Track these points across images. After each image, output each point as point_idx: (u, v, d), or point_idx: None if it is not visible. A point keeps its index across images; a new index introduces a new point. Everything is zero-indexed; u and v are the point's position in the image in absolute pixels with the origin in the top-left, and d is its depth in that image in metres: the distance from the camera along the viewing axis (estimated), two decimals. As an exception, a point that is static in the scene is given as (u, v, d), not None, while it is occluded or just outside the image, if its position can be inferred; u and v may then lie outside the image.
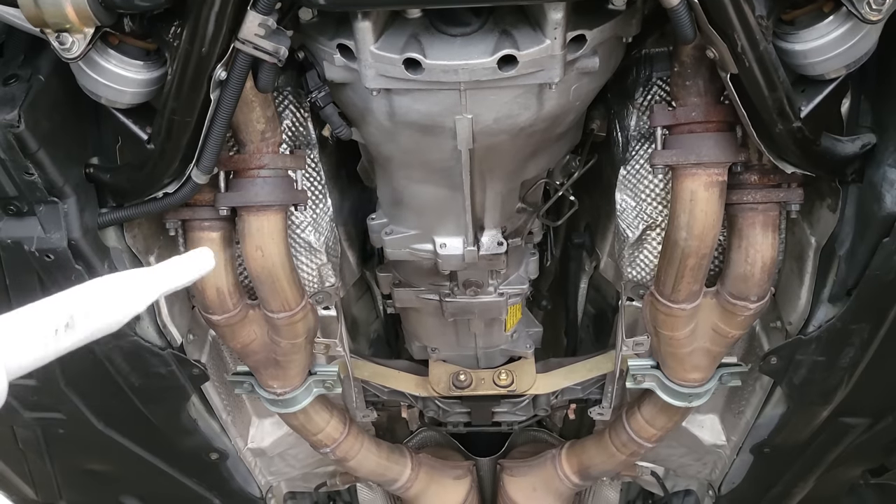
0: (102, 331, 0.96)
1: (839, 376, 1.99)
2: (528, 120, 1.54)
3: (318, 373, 2.29)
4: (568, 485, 2.72)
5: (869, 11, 1.29)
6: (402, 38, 1.39)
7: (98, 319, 0.96)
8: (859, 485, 2.66)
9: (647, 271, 1.98)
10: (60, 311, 0.92)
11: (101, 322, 0.96)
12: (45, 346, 0.89)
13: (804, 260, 1.88)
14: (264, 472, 2.79)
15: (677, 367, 2.10)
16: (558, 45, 1.37)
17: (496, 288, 2.15)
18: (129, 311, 1.00)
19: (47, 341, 0.90)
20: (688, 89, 1.62)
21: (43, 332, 0.89)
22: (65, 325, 0.91)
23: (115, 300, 0.99)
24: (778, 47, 1.40)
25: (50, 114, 1.57)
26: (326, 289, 2.08)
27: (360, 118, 1.66)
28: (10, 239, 1.68)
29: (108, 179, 1.72)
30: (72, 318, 0.92)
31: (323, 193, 1.94)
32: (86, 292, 0.97)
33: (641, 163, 1.86)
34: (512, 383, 2.49)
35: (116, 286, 1.00)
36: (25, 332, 0.88)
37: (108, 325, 0.97)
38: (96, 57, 1.44)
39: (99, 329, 0.96)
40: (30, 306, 0.90)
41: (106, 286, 1.00)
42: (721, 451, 2.60)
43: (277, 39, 1.38)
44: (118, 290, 1.00)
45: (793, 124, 1.47)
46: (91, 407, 2.21)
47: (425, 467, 2.78)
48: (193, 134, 1.53)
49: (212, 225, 1.85)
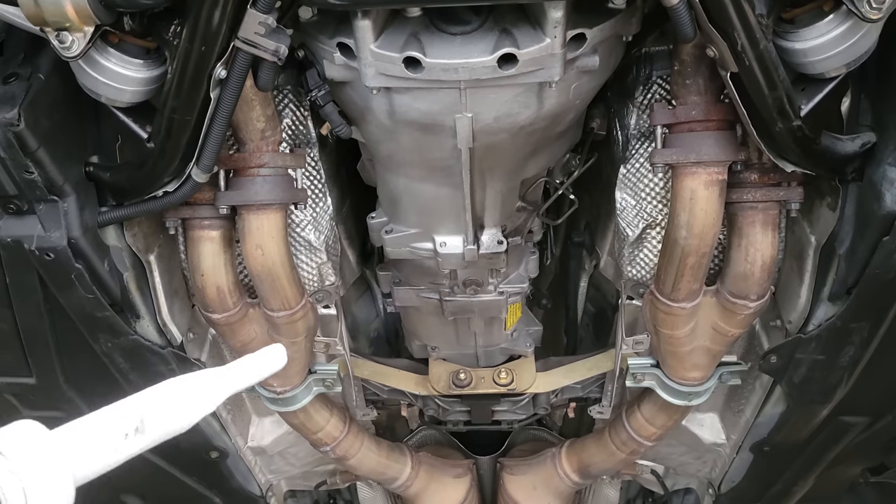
0: (172, 433, 0.96)
1: (839, 375, 1.99)
2: (528, 118, 1.54)
3: (318, 371, 2.29)
4: (568, 483, 2.73)
5: (869, 10, 1.29)
6: (402, 36, 1.39)
7: (168, 423, 0.95)
8: (859, 483, 2.66)
9: (646, 270, 1.98)
10: (132, 416, 0.92)
11: (171, 426, 0.96)
12: (115, 452, 0.89)
13: (804, 259, 1.88)
14: (264, 471, 2.80)
15: (677, 366, 2.10)
16: (558, 44, 1.37)
17: (496, 287, 2.15)
18: (199, 413, 0.99)
19: (117, 446, 0.89)
20: (688, 88, 1.62)
21: (113, 438, 0.89)
22: (135, 430, 0.91)
23: (186, 403, 0.98)
24: (778, 46, 1.40)
25: (50, 112, 1.57)
26: (326, 287, 2.08)
27: (359, 117, 1.66)
28: (9, 237, 1.68)
29: (108, 178, 1.72)
30: (142, 423, 0.92)
31: (323, 192, 1.94)
32: (158, 396, 0.96)
33: (641, 161, 1.86)
34: (512, 382, 2.49)
35: (188, 389, 0.99)
36: (96, 439, 0.88)
37: (179, 427, 0.96)
38: (96, 55, 1.44)
39: (169, 432, 0.95)
40: (102, 411, 0.90)
41: (178, 389, 0.99)
42: (721, 449, 2.60)
43: (277, 38, 1.38)
44: (190, 394, 0.99)
45: (793, 123, 1.47)
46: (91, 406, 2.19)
47: (425, 466, 2.78)
48: (193, 133, 1.53)
49: (212, 224, 1.85)
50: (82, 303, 1.79)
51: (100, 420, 0.90)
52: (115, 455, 0.89)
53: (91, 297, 1.78)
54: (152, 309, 1.98)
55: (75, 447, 0.86)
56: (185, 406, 0.97)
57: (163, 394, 0.96)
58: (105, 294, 1.81)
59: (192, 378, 1.00)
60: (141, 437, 0.91)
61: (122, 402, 0.93)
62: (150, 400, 0.95)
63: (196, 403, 0.98)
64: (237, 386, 1.04)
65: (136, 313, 1.94)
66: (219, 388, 1.02)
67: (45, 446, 0.83)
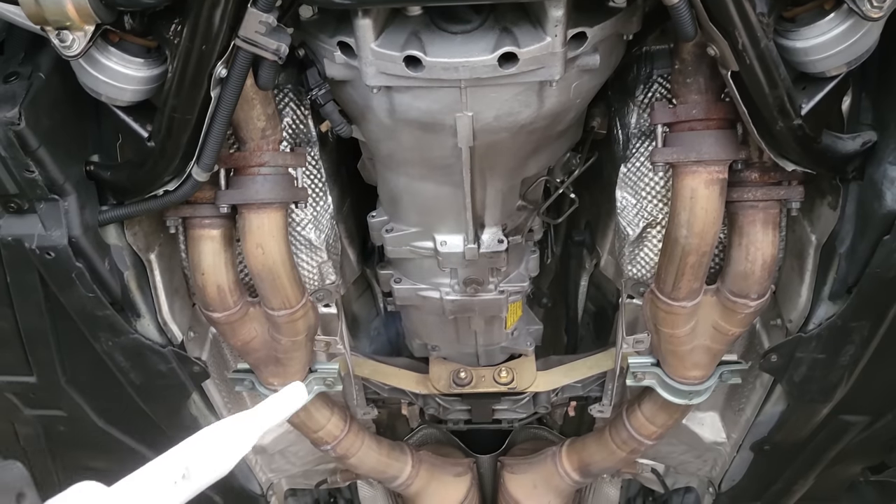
0: (216, 477, 1.05)
1: (839, 374, 1.99)
2: (529, 117, 1.54)
3: (318, 370, 2.29)
4: (568, 482, 2.73)
5: (870, 9, 1.29)
6: (403, 35, 1.39)
7: (212, 468, 1.04)
8: (859, 482, 2.66)
9: (647, 269, 1.98)
10: (177, 465, 1.01)
11: (214, 471, 1.04)
12: (167, 501, 0.98)
13: (804, 257, 1.88)
14: (265, 470, 2.80)
15: (677, 365, 2.10)
16: (559, 43, 1.37)
17: (496, 285, 2.15)
18: (237, 455, 1.08)
19: (167, 495, 0.98)
20: (688, 87, 1.62)
21: (163, 488, 0.98)
22: (182, 477, 0.99)
23: (224, 448, 1.07)
24: (779, 45, 1.40)
25: (50, 111, 1.57)
26: (327, 286, 2.08)
27: (360, 116, 1.66)
28: (10, 236, 1.68)
29: (109, 177, 1.72)
30: (188, 470, 1.00)
31: (323, 191, 1.94)
32: (198, 444, 1.05)
33: (642, 160, 1.86)
34: (512, 381, 2.49)
35: (225, 434, 1.09)
36: (149, 491, 0.96)
37: (221, 472, 1.05)
38: (97, 54, 1.44)
39: (213, 477, 1.04)
40: (151, 463, 0.99)
41: (215, 436, 1.08)
42: (721, 448, 2.60)
43: (278, 37, 1.38)
44: (226, 438, 1.08)
45: (793, 122, 1.47)
46: (92, 404, 2.22)
47: (426, 465, 2.78)
48: (194, 131, 1.52)
49: (212, 222, 1.85)
50: (83, 302, 1.79)
51: (150, 472, 0.99)
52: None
53: (92, 296, 1.78)
54: (153, 308, 1.98)
55: (132, 501, 0.95)
56: (225, 451, 1.07)
57: (203, 442, 1.06)
58: (105, 293, 1.81)
59: (227, 424, 1.10)
60: (188, 483, 1.00)
61: (168, 453, 1.02)
62: (193, 447, 1.05)
63: (233, 448, 1.08)
64: (267, 425, 1.14)
65: (137, 312, 1.94)
66: (251, 430, 1.12)
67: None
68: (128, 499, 0.94)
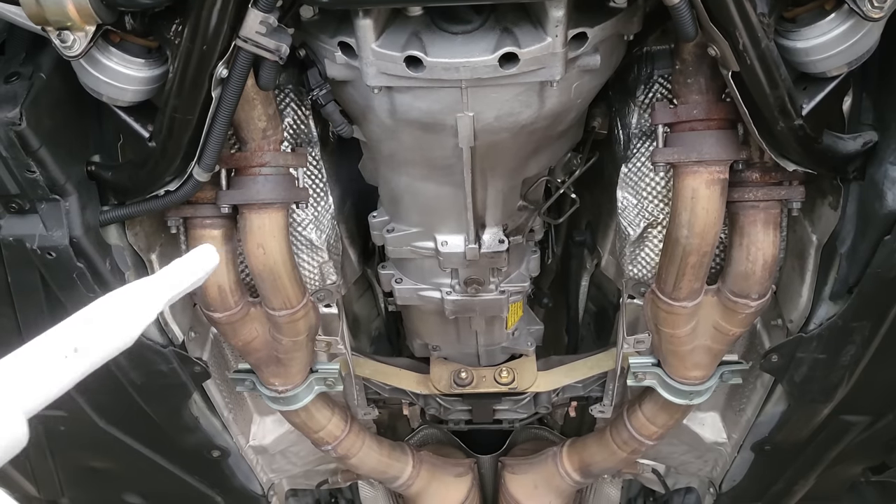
0: (116, 349, 0.94)
1: (840, 374, 1.99)
2: (530, 118, 1.54)
3: (319, 370, 2.29)
4: (569, 482, 2.73)
5: (871, 9, 1.29)
6: (404, 35, 1.39)
7: (108, 339, 0.94)
8: (860, 482, 2.66)
9: (648, 269, 1.98)
10: (67, 339, 0.90)
11: (111, 343, 0.94)
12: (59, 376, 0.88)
13: (805, 258, 1.88)
14: (266, 470, 2.80)
15: (678, 365, 2.10)
16: (559, 43, 1.37)
17: (497, 286, 2.15)
18: (138, 325, 0.96)
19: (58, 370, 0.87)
20: (689, 87, 1.62)
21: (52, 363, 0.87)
22: (73, 350, 0.89)
23: (122, 316, 0.97)
24: (779, 45, 1.40)
25: (51, 112, 1.57)
26: (328, 286, 2.08)
27: (361, 116, 1.66)
28: (11, 237, 1.68)
29: (110, 177, 1.72)
30: (80, 342, 0.90)
31: (324, 191, 1.94)
32: (90, 313, 0.95)
33: (643, 160, 1.86)
34: (513, 381, 2.49)
35: (121, 302, 0.98)
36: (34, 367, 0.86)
37: (120, 344, 0.94)
38: (98, 55, 1.44)
39: (111, 348, 0.94)
40: (34, 340, 0.88)
41: (110, 303, 0.98)
42: (722, 448, 2.60)
43: (279, 37, 1.38)
44: (124, 306, 0.98)
45: (794, 122, 1.47)
46: (93, 404, 2.21)
47: (427, 465, 2.78)
48: (195, 132, 1.53)
49: (213, 222, 1.85)
50: (84, 302, 1.79)
51: (35, 347, 0.88)
52: (59, 381, 0.88)
53: (93, 297, 1.77)
54: (153, 308, 1.97)
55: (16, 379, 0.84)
56: (122, 320, 0.96)
57: (96, 311, 0.95)
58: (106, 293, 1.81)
59: (125, 291, 0.99)
60: (81, 358, 0.90)
61: (54, 328, 0.91)
62: (84, 319, 0.94)
63: (133, 316, 0.97)
64: (173, 292, 1.02)
65: (138, 312, 1.94)
66: (154, 296, 1.00)
67: None
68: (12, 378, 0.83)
